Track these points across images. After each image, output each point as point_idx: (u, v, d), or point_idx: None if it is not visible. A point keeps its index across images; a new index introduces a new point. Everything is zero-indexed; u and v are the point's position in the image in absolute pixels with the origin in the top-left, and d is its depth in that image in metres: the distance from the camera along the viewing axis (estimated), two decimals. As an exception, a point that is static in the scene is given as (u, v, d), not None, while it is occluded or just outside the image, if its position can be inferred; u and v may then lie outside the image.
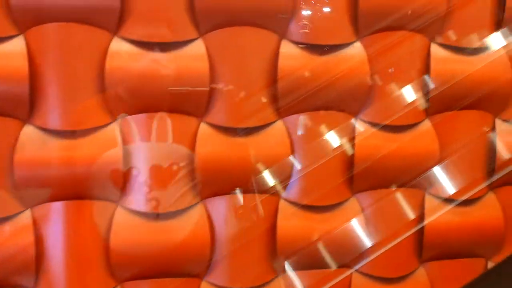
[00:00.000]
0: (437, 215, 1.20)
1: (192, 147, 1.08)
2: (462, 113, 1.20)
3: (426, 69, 1.16)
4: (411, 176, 1.18)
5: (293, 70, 1.10)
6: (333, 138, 1.14)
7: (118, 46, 1.04)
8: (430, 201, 1.21)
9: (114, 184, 1.06)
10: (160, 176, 1.07)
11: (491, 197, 1.24)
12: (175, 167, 1.08)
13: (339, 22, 1.12)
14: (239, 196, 1.11)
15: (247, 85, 1.09)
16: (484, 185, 1.22)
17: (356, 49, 1.13)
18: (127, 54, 1.04)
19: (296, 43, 1.11)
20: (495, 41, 1.19)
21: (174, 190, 1.09)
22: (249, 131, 1.11)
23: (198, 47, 1.07)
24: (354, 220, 1.17)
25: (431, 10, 1.14)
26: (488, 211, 1.23)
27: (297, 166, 1.13)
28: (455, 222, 1.22)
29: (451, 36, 1.17)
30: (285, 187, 1.14)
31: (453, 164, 1.20)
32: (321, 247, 1.14)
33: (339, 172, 1.15)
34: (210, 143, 1.09)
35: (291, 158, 1.12)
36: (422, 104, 1.17)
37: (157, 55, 1.05)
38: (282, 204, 1.14)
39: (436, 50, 1.17)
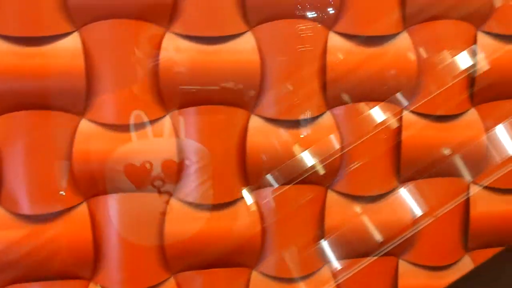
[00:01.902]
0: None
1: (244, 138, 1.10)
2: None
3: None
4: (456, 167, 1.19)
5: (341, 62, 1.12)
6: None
7: (171, 41, 1.06)
8: (474, 190, 1.21)
9: (166, 177, 1.09)
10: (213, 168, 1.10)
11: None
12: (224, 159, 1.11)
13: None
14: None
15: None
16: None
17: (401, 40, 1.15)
18: (178, 48, 1.06)
19: (345, 35, 1.12)
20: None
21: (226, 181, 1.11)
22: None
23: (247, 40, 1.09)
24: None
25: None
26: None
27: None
28: (500, 210, 1.22)
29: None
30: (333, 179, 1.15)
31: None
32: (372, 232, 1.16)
33: (386, 162, 1.17)
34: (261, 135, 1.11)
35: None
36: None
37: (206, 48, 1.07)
38: (330, 195, 1.16)
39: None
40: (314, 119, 1.13)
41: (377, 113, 1.15)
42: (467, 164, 1.19)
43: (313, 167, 1.12)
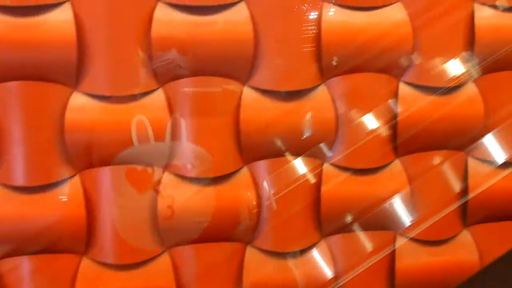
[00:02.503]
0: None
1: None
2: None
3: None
4: (455, 141, 1.18)
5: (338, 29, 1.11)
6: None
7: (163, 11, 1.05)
8: (473, 164, 1.20)
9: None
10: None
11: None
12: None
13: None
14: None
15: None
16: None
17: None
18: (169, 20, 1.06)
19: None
20: None
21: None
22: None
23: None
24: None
25: None
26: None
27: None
28: (499, 185, 1.21)
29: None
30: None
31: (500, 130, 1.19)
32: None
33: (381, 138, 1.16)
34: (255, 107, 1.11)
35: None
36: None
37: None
38: (327, 168, 1.15)
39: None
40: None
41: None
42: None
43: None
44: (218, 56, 1.07)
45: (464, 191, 1.19)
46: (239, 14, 1.07)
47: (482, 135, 1.18)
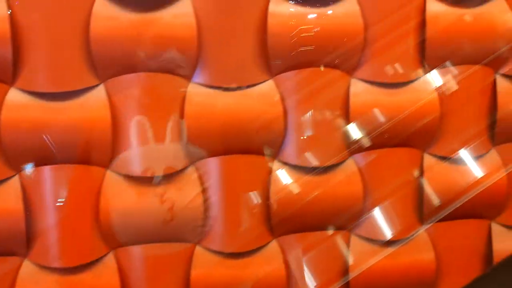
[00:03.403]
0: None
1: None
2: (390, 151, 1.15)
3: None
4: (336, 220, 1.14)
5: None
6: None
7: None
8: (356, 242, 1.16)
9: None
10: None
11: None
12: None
13: None
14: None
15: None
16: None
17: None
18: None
19: None
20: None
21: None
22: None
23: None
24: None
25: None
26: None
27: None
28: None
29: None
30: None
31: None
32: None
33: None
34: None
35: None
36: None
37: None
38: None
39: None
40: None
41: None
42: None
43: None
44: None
45: (346, 270, 1.15)
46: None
47: (363, 214, 1.14)
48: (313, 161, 1.11)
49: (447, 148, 1.17)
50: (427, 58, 1.14)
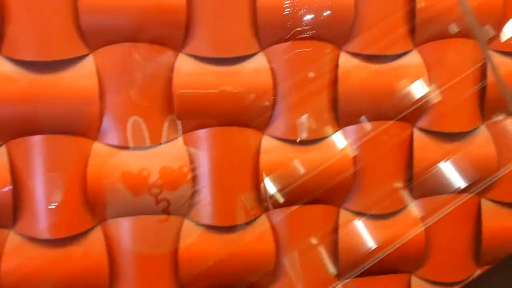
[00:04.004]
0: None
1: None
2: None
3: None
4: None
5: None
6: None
7: None
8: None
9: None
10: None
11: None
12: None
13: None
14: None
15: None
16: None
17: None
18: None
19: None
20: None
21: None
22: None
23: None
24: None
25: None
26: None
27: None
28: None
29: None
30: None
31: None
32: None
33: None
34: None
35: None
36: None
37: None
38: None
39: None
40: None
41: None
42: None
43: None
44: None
45: None
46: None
47: (276, 272, 1.13)
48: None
49: (364, 204, 1.16)
50: (340, 114, 1.13)
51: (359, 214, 1.16)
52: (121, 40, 1.02)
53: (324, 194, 1.13)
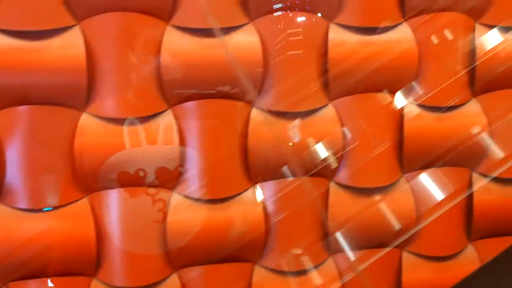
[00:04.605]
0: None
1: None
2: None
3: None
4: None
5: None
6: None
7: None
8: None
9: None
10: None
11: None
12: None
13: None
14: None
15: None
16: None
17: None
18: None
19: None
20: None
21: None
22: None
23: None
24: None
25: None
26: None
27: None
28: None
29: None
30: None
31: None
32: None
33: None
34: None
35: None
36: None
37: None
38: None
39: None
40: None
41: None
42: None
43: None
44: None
45: None
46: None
47: None
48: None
49: (277, 260, 1.14)
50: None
51: (275, 271, 1.15)
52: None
53: (236, 252, 1.12)
